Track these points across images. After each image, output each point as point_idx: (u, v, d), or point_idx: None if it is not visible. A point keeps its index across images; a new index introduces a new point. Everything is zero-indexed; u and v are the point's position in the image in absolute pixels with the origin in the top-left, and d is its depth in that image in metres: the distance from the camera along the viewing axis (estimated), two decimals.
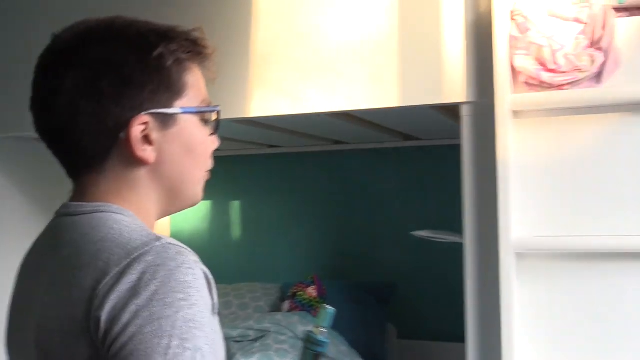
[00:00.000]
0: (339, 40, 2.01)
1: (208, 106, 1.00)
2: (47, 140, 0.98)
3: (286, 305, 3.18)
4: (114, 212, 0.93)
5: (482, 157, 1.88)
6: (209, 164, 1.03)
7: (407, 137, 3.30)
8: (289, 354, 2.76)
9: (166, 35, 0.96)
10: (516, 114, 1.83)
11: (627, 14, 1.80)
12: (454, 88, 1.91)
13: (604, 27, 1.74)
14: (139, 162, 0.94)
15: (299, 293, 3.15)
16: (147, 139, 0.93)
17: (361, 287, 3.29)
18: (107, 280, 0.82)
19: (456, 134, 1.95)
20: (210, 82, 1.03)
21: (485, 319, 1.86)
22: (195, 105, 0.98)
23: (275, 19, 2.11)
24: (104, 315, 0.80)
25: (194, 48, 0.98)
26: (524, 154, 1.82)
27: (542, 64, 1.76)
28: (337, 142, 3.44)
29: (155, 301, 0.80)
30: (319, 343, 1.17)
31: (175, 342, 0.79)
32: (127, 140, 0.93)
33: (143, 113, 0.93)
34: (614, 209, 1.76)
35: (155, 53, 0.93)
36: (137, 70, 0.93)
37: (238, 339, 3.03)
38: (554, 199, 1.80)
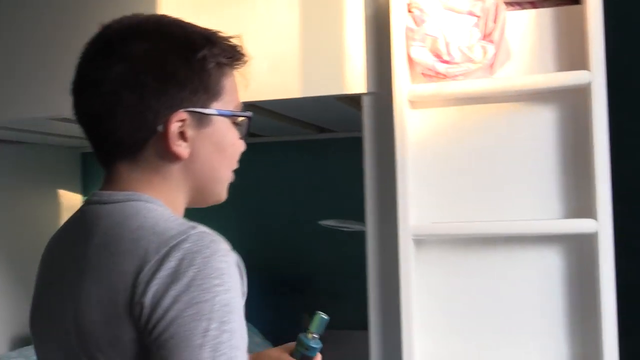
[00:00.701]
0: (240, 31, 2.00)
1: (236, 112, 1.05)
2: (84, 125, 1.01)
3: None
4: (146, 201, 0.97)
5: (383, 147, 1.93)
6: (235, 165, 1.08)
7: (321, 130, 3.33)
8: None
9: (210, 39, 1.01)
10: (414, 104, 1.88)
11: (518, 7, 1.87)
12: (355, 79, 1.94)
13: (495, 20, 1.81)
14: (173, 157, 0.98)
15: None
16: (182, 135, 0.98)
17: (276, 278, 3.30)
18: (148, 267, 0.86)
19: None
20: (243, 88, 1.08)
21: (386, 305, 1.91)
22: (230, 108, 1.03)
23: (178, 13, 2.09)
24: (147, 301, 0.85)
25: (234, 54, 1.03)
26: (422, 143, 1.87)
27: (437, 55, 1.81)
28: (251, 135, 3.42)
29: (194, 287, 0.85)
30: (308, 347, 1.20)
31: (213, 325, 0.84)
32: (165, 135, 0.97)
33: (182, 110, 0.97)
34: (508, 195, 1.82)
35: (199, 55, 0.98)
36: (181, 69, 0.97)
37: None
38: (450, 186, 1.85)
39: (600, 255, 1.67)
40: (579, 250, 1.77)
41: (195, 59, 0.98)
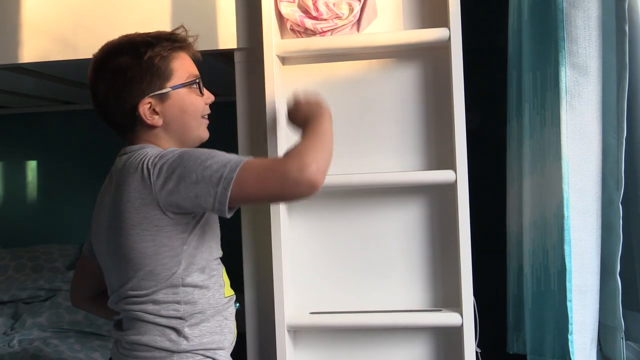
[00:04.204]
0: None
1: (189, 79, 1.51)
2: (102, 121, 1.54)
3: None
4: (148, 148, 1.47)
5: (255, 103, 1.95)
6: (202, 112, 1.54)
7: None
8: (81, 311, 2.70)
9: (150, 42, 1.48)
10: (285, 60, 1.91)
11: None
12: (227, 35, 1.95)
13: None
14: (153, 126, 1.49)
15: None
16: (154, 111, 1.48)
17: None
18: (152, 170, 1.38)
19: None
20: (197, 60, 1.57)
21: (260, 260, 1.95)
22: (182, 81, 1.50)
23: None
24: (157, 187, 1.38)
25: (172, 45, 1.51)
26: None
27: (305, 11, 1.83)
28: None
29: (172, 160, 1.39)
30: None
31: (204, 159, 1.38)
32: (139, 116, 1.47)
33: (146, 97, 1.47)
34: (375, 149, 1.89)
35: (146, 57, 1.47)
36: (136, 71, 1.46)
37: (27, 301, 2.93)
38: None
39: (459, 204, 1.76)
40: (440, 199, 1.86)
41: (143, 60, 1.46)
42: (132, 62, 1.46)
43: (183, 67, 1.51)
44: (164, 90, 1.48)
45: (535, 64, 1.84)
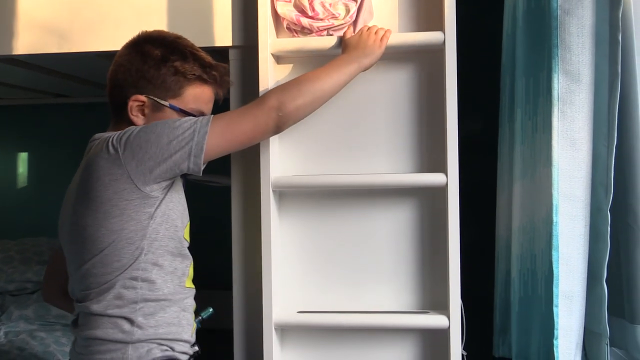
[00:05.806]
0: None
1: (190, 111, 1.54)
2: (107, 83, 1.58)
3: None
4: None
5: (248, 101, 1.93)
6: None
7: None
8: None
9: (185, 56, 1.53)
10: (280, 59, 1.91)
11: None
12: (223, 32, 1.95)
13: None
14: (133, 122, 1.52)
15: None
16: (142, 111, 1.52)
17: None
18: (118, 145, 1.43)
19: None
20: (217, 100, 1.62)
21: (250, 257, 1.95)
22: (184, 107, 1.53)
23: None
24: (127, 160, 1.41)
25: (201, 74, 1.54)
26: None
27: (301, 11, 1.84)
28: None
29: (137, 131, 1.44)
30: (201, 319, 1.74)
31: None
32: (126, 106, 1.52)
33: (143, 95, 1.51)
34: (367, 150, 1.90)
35: (169, 64, 1.52)
36: (152, 70, 1.51)
37: (15, 293, 2.92)
38: (311, 141, 1.90)
39: (449, 207, 1.77)
40: (431, 202, 1.87)
41: (166, 66, 1.51)
42: (157, 60, 1.52)
43: (195, 98, 1.55)
44: (161, 101, 1.52)
45: (528, 70, 1.85)
